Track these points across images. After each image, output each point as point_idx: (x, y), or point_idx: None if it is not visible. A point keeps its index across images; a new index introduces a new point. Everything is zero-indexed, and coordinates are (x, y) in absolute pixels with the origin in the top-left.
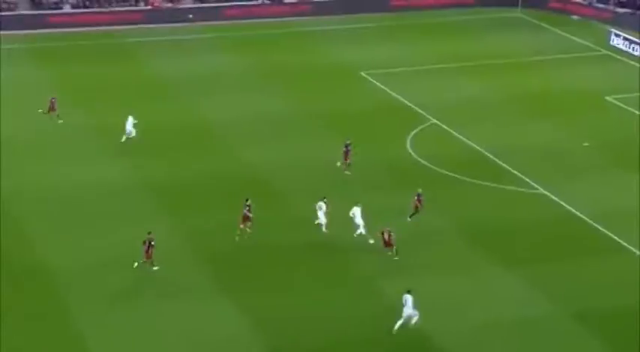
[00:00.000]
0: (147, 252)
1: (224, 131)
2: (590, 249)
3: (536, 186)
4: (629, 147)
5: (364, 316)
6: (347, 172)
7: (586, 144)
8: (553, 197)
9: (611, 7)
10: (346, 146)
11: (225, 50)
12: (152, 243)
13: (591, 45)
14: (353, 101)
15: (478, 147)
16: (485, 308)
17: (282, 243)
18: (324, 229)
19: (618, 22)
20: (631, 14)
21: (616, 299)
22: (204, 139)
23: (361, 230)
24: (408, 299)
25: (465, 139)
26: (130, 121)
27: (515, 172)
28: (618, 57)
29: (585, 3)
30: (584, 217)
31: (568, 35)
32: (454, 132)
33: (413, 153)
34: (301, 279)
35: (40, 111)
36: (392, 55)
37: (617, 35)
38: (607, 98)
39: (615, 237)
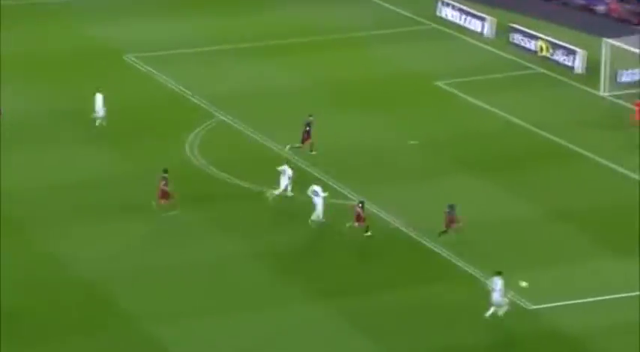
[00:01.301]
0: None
1: None
2: (429, 275)
3: (351, 196)
4: (465, 146)
5: None
6: (313, 152)
7: (413, 142)
8: (374, 210)
9: None
10: (307, 124)
11: None
12: (167, 179)
13: (416, 17)
14: (114, 93)
15: (279, 149)
16: None
17: None
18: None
19: None
20: None
21: None
22: None
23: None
24: (498, 282)
25: (261, 139)
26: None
27: (326, 179)
28: (448, 31)
29: None
30: (408, 233)
31: (388, 5)
32: (248, 131)
33: (194, 159)
34: None
35: None
36: (167, 34)
37: (445, 4)
38: (437, 83)
39: (456, 258)
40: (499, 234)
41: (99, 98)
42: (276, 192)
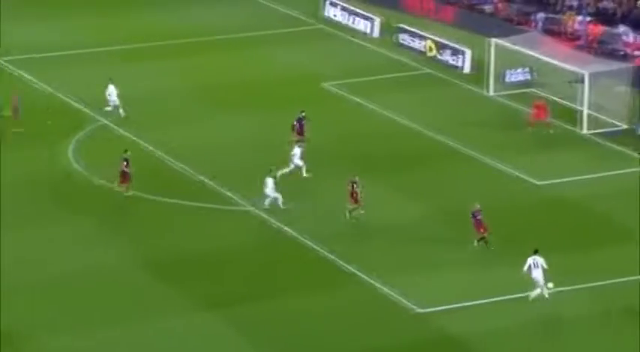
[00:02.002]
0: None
1: None
2: (317, 281)
3: (242, 202)
4: (353, 147)
5: None
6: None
7: (302, 144)
8: (265, 215)
9: None
10: (299, 120)
11: None
12: (128, 160)
13: (302, 17)
14: None
15: (165, 155)
16: None
17: None
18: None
19: None
20: None
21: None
22: None
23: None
24: (538, 261)
25: (146, 145)
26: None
27: (214, 185)
28: (335, 31)
29: None
30: (302, 239)
31: (274, 5)
32: (132, 136)
33: (78, 166)
34: None
35: None
36: (42, 35)
37: (332, 4)
38: (324, 85)
39: (344, 263)
40: (388, 236)
41: (112, 89)
42: (287, 169)
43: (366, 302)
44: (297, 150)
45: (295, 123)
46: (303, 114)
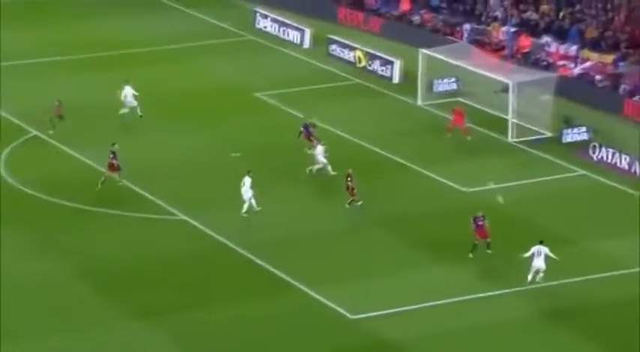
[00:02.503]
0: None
1: None
2: (251, 289)
3: (175, 211)
4: (286, 157)
5: None
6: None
7: (236, 154)
8: (197, 224)
9: None
10: (306, 127)
11: None
12: (115, 153)
13: (233, 29)
14: None
15: (97, 166)
16: None
17: None
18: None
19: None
20: None
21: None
22: None
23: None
24: (542, 250)
25: (79, 156)
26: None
27: (147, 194)
28: (267, 43)
29: None
30: (237, 248)
31: (204, 17)
32: (64, 148)
33: (9, 179)
34: None
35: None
36: None
37: (263, 16)
38: (257, 95)
39: (277, 271)
40: (320, 243)
41: (128, 90)
42: (316, 166)
43: (300, 310)
44: (319, 149)
45: (302, 129)
46: (310, 121)
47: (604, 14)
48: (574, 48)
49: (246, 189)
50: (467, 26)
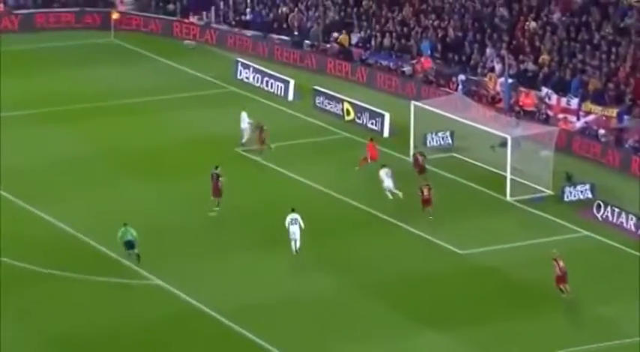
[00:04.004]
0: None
1: None
2: None
3: (149, 275)
4: (268, 216)
5: None
6: None
7: (212, 213)
8: (172, 288)
9: (235, 30)
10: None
11: None
12: (220, 177)
13: (213, 80)
14: None
15: (65, 226)
16: None
17: None
18: None
19: (246, 47)
20: (263, 38)
21: None
22: None
23: None
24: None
25: (44, 215)
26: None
27: (118, 256)
28: (248, 94)
29: (201, 24)
30: (213, 313)
31: (182, 67)
32: (28, 207)
33: None
34: None
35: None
36: None
37: (244, 66)
38: (237, 150)
39: (252, 336)
40: (303, 309)
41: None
42: (390, 189)
43: None
44: (382, 173)
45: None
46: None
47: (607, 65)
48: (575, 100)
49: (389, 180)
50: (462, 77)
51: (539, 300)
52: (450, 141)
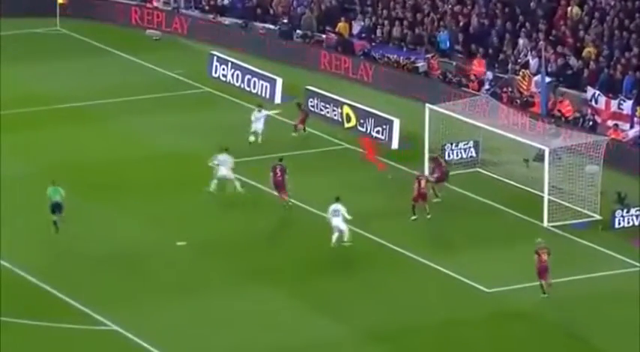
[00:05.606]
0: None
1: None
2: None
3: (103, 319)
4: (255, 247)
5: None
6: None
7: (181, 243)
8: (129, 335)
9: (210, 16)
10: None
11: None
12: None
13: (184, 78)
14: None
15: (17, 269)
16: None
17: None
18: None
19: (223, 38)
20: (244, 27)
21: None
22: None
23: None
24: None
25: None
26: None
27: (69, 299)
28: (225, 96)
29: (167, 9)
30: None
31: (144, 63)
32: None
33: None
34: None
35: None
36: None
37: (222, 61)
38: (212, 165)
39: None
40: None
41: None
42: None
43: None
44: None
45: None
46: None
47: None
48: (629, 103)
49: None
50: (488, 74)
51: (581, 350)
52: (474, 154)
